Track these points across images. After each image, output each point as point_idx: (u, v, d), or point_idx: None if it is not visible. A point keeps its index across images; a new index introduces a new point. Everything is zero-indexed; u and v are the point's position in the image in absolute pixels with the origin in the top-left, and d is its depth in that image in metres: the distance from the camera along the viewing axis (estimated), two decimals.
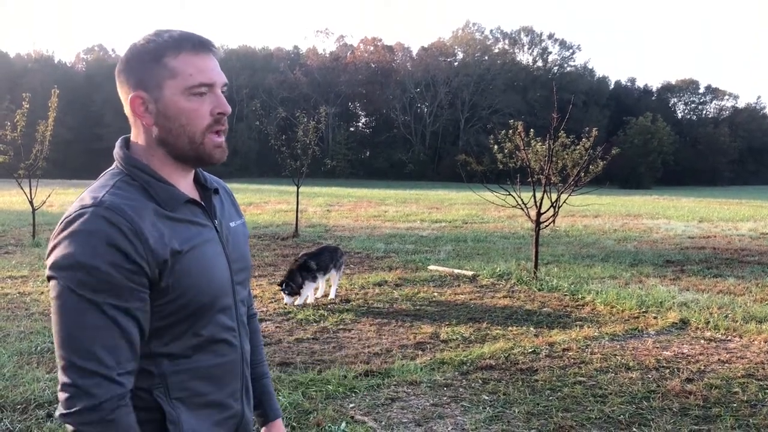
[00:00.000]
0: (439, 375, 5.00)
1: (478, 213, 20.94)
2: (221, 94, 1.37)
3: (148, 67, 1.33)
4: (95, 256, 1.22)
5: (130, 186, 1.33)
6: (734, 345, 6.03)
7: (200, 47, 1.34)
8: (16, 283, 8.29)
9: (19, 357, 5.22)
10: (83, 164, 57.03)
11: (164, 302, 1.31)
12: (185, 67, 1.32)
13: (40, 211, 13.19)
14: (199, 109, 1.34)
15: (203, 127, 1.35)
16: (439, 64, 77.13)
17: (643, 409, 4.40)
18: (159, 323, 1.32)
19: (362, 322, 6.64)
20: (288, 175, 14.77)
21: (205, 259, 1.37)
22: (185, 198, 1.38)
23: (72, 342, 1.22)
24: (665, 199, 35.78)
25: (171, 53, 1.32)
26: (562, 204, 9.21)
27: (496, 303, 7.66)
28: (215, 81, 1.35)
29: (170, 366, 1.35)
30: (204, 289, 1.35)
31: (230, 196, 1.61)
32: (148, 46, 1.33)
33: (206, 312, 1.37)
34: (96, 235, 1.23)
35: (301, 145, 14.25)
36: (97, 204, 1.26)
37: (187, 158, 1.38)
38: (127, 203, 1.28)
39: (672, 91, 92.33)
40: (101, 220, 1.24)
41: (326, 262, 7.60)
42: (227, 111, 1.37)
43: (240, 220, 1.58)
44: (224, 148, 1.40)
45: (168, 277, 1.29)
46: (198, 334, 1.37)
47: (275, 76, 71.21)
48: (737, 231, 16.70)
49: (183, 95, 1.33)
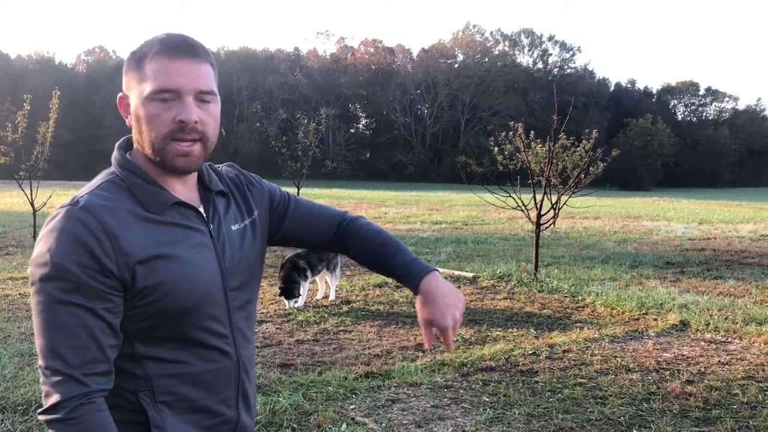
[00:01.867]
0: (439, 376, 5.00)
1: (478, 214, 20.95)
2: (190, 102, 1.30)
3: (131, 68, 1.34)
4: (64, 256, 1.22)
5: (116, 187, 1.33)
6: (734, 347, 6.03)
7: (178, 52, 1.30)
8: (17, 285, 8.29)
9: (20, 358, 5.22)
10: (84, 165, 57.07)
11: (141, 304, 1.30)
12: (155, 71, 1.29)
13: (40, 212, 13.19)
14: (161, 115, 1.30)
15: (163, 134, 1.30)
16: (439, 65, 77.26)
17: (644, 410, 4.40)
18: (139, 325, 1.31)
19: (363, 324, 6.65)
20: (288, 176, 14.79)
21: (189, 264, 1.34)
22: (172, 200, 1.36)
23: (42, 340, 1.24)
24: (665, 200, 35.78)
25: (149, 57, 1.31)
26: (563, 206, 9.21)
27: (497, 304, 7.67)
28: (180, 87, 1.29)
29: (156, 369, 1.34)
30: (185, 294, 1.32)
31: (243, 193, 1.55)
32: (139, 49, 1.34)
33: (190, 317, 1.35)
34: (66, 234, 1.23)
35: (302, 146, 14.28)
36: (74, 203, 1.27)
37: (155, 163, 1.35)
38: (103, 204, 1.28)
39: (672, 92, 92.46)
40: (73, 219, 1.24)
41: (314, 261, 7.58)
42: (188, 120, 1.29)
43: (248, 221, 1.52)
44: (192, 157, 1.33)
45: (143, 279, 1.28)
46: (184, 339, 1.36)
47: (276, 77, 71.29)
48: (737, 233, 16.70)
49: (147, 99, 1.30)
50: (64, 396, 1.22)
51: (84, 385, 1.24)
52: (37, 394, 4.38)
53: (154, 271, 1.29)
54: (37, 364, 1.26)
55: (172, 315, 1.32)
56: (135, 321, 1.31)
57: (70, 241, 1.23)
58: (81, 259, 1.23)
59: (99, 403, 1.26)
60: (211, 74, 1.34)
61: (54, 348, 1.23)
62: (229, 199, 1.51)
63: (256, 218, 1.55)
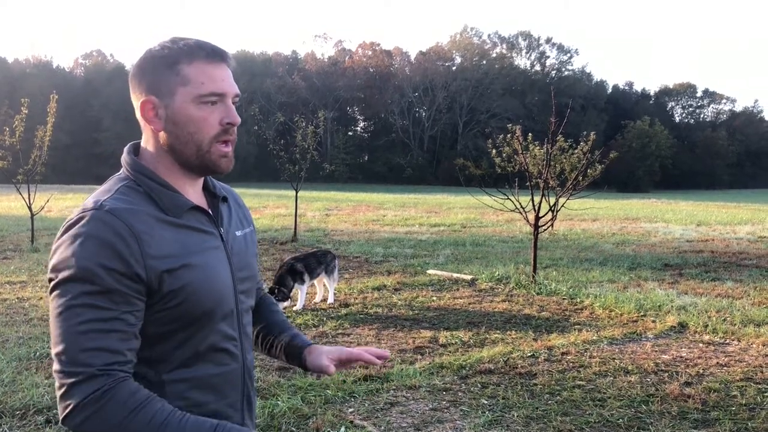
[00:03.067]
0: (438, 379, 5.00)
1: (476, 217, 20.96)
2: (232, 105, 1.37)
3: (161, 73, 1.34)
4: (92, 260, 1.22)
5: (133, 191, 1.34)
6: (732, 348, 6.04)
7: (214, 56, 1.35)
8: (14, 289, 8.28)
9: (18, 362, 5.21)
10: (81, 169, 57.07)
11: (165, 308, 1.31)
12: (198, 75, 1.33)
13: (38, 216, 13.18)
14: (209, 117, 1.35)
15: (211, 136, 1.35)
16: (437, 68, 77.33)
17: (642, 412, 4.40)
18: (160, 329, 1.32)
19: (361, 327, 6.64)
20: (287, 179, 14.78)
21: (208, 267, 1.36)
22: (189, 204, 1.38)
23: (63, 344, 1.22)
24: (663, 202, 35.81)
25: (185, 61, 1.33)
26: (561, 208, 9.22)
27: (495, 307, 7.67)
28: (226, 91, 1.35)
29: (169, 374, 1.35)
30: (206, 297, 1.34)
31: (240, 205, 1.61)
32: (163, 52, 1.34)
33: (208, 320, 1.37)
34: (94, 238, 1.23)
35: (300, 149, 14.26)
36: (98, 208, 1.27)
37: (192, 166, 1.38)
38: (128, 208, 1.29)
39: (670, 95, 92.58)
40: (100, 223, 1.24)
41: (313, 265, 7.58)
42: (236, 121, 1.37)
43: (248, 229, 1.58)
44: (230, 158, 1.40)
45: (169, 283, 1.29)
46: (199, 343, 1.37)
47: (274, 80, 71.36)
48: (735, 234, 16.72)
49: (193, 103, 1.33)
50: (86, 393, 1.20)
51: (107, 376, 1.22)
52: (35, 398, 4.37)
53: (180, 275, 1.30)
54: (53, 369, 1.24)
55: (191, 318, 1.34)
56: (155, 325, 1.31)
57: (97, 245, 1.23)
58: (108, 262, 1.23)
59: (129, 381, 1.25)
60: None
61: (77, 352, 1.21)
62: (230, 207, 1.55)
63: (253, 230, 1.62)
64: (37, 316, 6.77)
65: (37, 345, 5.67)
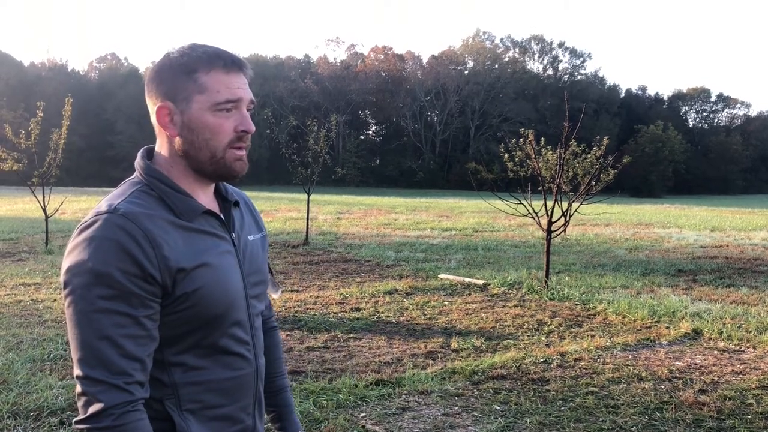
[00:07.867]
0: (450, 385, 4.98)
1: (488, 221, 20.90)
2: (246, 113, 1.39)
3: (179, 79, 1.35)
4: (107, 263, 1.23)
5: (147, 196, 1.35)
6: (748, 356, 5.98)
7: (232, 66, 1.36)
8: (29, 290, 8.35)
9: (33, 364, 5.25)
10: (95, 172, 57.50)
11: (178, 311, 1.31)
12: (215, 83, 1.34)
13: (53, 218, 13.29)
14: (224, 124, 1.36)
15: (225, 143, 1.37)
16: (449, 72, 77.22)
17: (656, 420, 4.36)
18: (172, 332, 1.33)
19: (373, 331, 6.64)
20: (299, 182, 14.82)
21: (220, 271, 1.37)
22: (202, 209, 1.39)
23: (82, 350, 1.24)
24: (677, 207, 35.58)
25: (203, 69, 1.34)
26: (573, 213, 9.18)
27: (507, 312, 7.64)
28: (241, 98, 1.37)
29: (182, 377, 1.35)
30: (217, 300, 1.35)
31: (251, 209, 1.62)
32: (181, 59, 1.35)
33: (219, 323, 1.37)
34: (109, 241, 1.24)
35: (312, 153, 14.30)
36: (112, 211, 1.27)
37: (206, 172, 1.39)
38: (142, 211, 1.29)
39: (683, 99, 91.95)
40: (115, 227, 1.25)
41: None
42: (250, 129, 1.38)
43: (259, 234, 1.58)
44: (245, 161, 1.41)
45: (182, 286, 1.30)
46: (211, 346, 1.38)
47: (286, 84, 71.58)
48: (750, 240, 16.57)
49: (209, 110, 1.34)
50: (109, 403, 1.22)
51: (128, 393, 1.24)
52: (49, 400, 4.40)
53: (193, 278, 1.32)
54: (74, 374, 1.26)
55: (203, 321, 1.35)
56: (167, 328, 1.32)
57: (112, 248, 1.24)
58: (125, 265, 1.23)
59: (142, 411, 1.27)
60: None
61: (95, 357, 1.23)
62: (242, 211, 1.56)
63: (265, 235, 1.63)
64: (51, 318, 6.82)
65: (51, 347, 5.71)
